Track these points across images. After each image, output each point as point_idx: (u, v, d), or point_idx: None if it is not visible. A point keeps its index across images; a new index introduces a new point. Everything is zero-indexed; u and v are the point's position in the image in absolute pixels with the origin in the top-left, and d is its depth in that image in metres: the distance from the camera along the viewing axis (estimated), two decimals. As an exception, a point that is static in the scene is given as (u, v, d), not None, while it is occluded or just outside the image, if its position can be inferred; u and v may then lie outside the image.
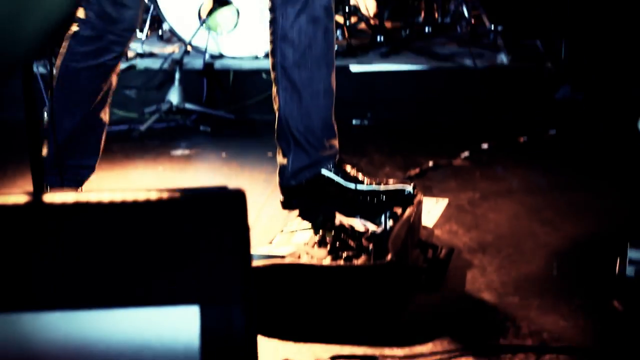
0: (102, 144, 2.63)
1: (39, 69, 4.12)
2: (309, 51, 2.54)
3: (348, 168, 2.64)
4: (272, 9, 2.55)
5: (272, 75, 2.60)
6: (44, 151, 2.50)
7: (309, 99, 2.56)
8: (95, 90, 2.55)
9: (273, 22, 2.56)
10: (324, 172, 2.59)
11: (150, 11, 4.64)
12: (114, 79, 2.58)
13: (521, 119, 3.93)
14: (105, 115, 2.61)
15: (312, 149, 2.59)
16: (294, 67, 2.54)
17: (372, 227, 2.38)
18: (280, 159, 2.63)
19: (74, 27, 2.50)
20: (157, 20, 4.69)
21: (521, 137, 3.64)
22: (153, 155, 3.55)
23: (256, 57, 4.33)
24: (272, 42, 2.57)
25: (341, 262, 2.15)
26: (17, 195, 1.02)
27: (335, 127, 2.65)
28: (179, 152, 3.61)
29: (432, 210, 2.81)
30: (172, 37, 4.66)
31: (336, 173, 2.60)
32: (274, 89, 2.59)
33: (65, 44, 2.54)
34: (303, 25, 2.52)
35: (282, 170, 2.62)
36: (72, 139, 2.55)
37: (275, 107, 2.60)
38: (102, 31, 2.49)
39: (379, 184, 2.59)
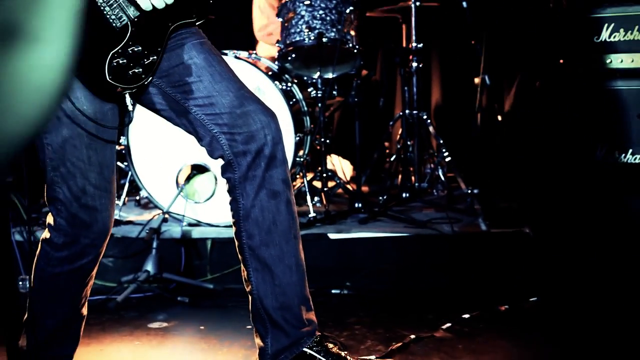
0: (81, 332, 2.65)
1: (15, 236, 4.18)
2: (274, 227, 2.56)
3: (330, 345, 2.66)
4: (231, 190, 2.57)
5: (240, 257, 2.60)
6: (23, 342, 2.52)
7: (282, 275, 2.56)
8: (77, 291, 2.58)
9: (233, 203, 2.58)
10: (307, 350, 2.61)
11: (128, 177, 4.76)
12: (93, 276, 2.62)
13: (502, 286, 4.01)
14: (84, 309, 2.63)
15: (291, 327, 2.58)
16: (261, 246, 2.55)
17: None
18: (259, 342, 2.61)
19: (46, 234, 2.54)
20: (135, 186, 4.80)
21: (502, 305, 3.69)
22: (130, 328, 3.55)
23: (234, 225, 4.41)
24: (235, 223, 2.58)
25: None
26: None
27: (311, 300, 2.66)
28: (156, 324, 3.61)
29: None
30: (149, 203, 4.76)
31: (318, 352, 2.61)
32: (244, 273, 2.59)
33: (39, 248, 2.57)
34: (264, 202, 2.54)
35: (262, 353, 2.61)
36: (52, 336, 2.57)
37: (248, 289, 2.60)
38: (76, 236, 2.49)
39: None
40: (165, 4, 2.41)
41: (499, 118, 5.86)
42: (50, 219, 2.53)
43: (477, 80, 5.92)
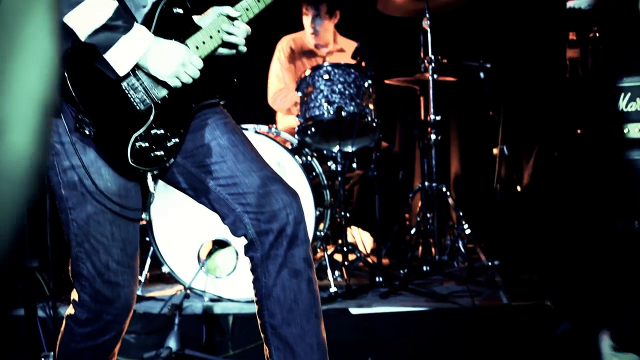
0: None
1: (38, 312, 4.25)
2: (295, 306, 2.60)
3: None
4: (253, 269, 2.64)
5: (262, 336, 2.65)
6: None
7: (303, 354, 2.59)
8: None
9: (256, 282, 2.63)
10: None
11: (150, 252, 4.84)
12: (116, 353, 2.69)
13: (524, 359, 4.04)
14: None
15: None
16: (283, 324, 2.59)
17: None
18: None
19: (71, 309, 2.62)
20: (157, 261, 4.87)
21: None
22: (152, 405, 3.61)
23: (256, 300, 4.47)
24: (258, 302, 2.64)
25: None
26: None
27: None
28: (177, 403, 3.66)
29: None
30: (171, 278, 4.83)
31: None
32: (266, 351, 2.64)
33: (64, 324, 2.64)
34: (286, 281, 2.59)
35: None
36: None
37: None
38: (99, 312, 2.56)
39: None
40: (193, 79, 2.52)
41: (518, 189, 5.93)
42: (74, 295, 2.60)
43: (495, 151, 6.00)
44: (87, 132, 2.41)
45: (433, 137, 5.41)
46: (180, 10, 2.62)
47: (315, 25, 5.92)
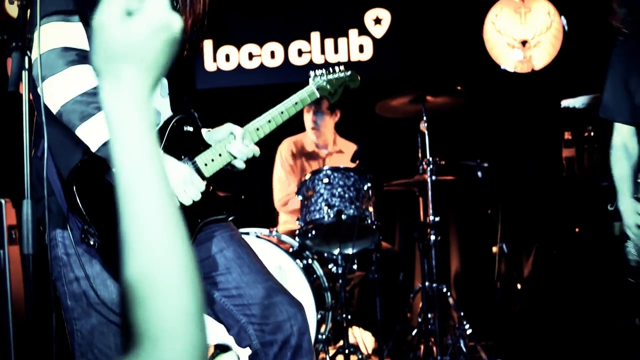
0: None
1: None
2: None
3: None
4: None
5: None
6: None
7: None
8: None
9: None
10: None
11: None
12: None
13: None
14: None
15: None
16: None
17: None
18: None
19: None
20: None
21: None
22: None
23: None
24: None
25: None
26: None
27: None
28: None
29: None
30: None
31: None
32: None
33: None
34: None
35: None
36: None
37: None
38: None
39: None
40: (193, 200, 2.65)
41: (519, 286, 6.04)
42: None
43: (495, 249, 6.13)
44: (92, 242, 2.53)
45: (432, 237, 5.53)
46: (191, 128, 2.79)
47: (316, 119, 6.12)
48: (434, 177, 5.57)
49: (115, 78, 1.18)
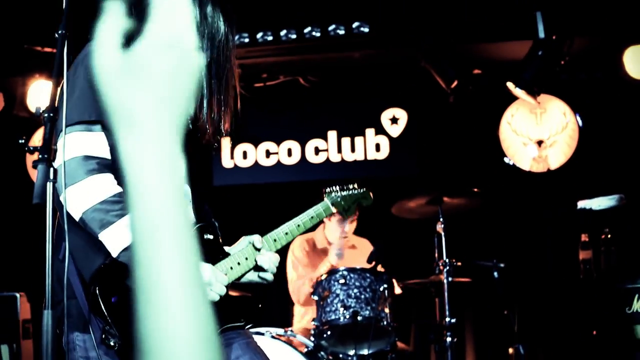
0: None
1: None
2: None
3: None
4: None
5: None
6: None
7: None
8: None
9: None
10: None
11: None
12: None
13: None
14: None
15: None
16: None
17: None
18: None
19: None
20: None
21: None
22: None
23: None
24: None
25: None
26: None
27: None
28: None
29: None
30: None
31: None
32: None
33: None
34: None
35: None
36: None
37: None
38: None
39: None
40: (219, 296, 2.74)
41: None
42: None
43: (511, 350, 6.15)
44: (112, 343, 2.61)
45: (449, 339, 5.57)
46: (211, 237, 2.90)
47: (344, 228, 6.19)
48: (450, 279, 5.63)
49: (129, 123, 0.95)
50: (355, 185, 3.54)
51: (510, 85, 6.69)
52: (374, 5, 6.55)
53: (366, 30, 6.58)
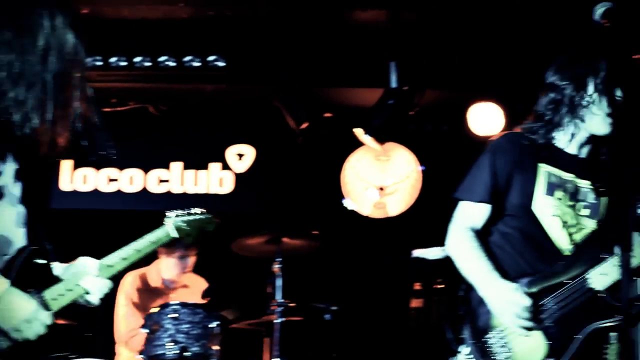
0: None
1: None
2: None
3: None
4: None
5: None
6: None
7: None
8: None
9: None
10: None
11: None
12: None
13: None
14: None
15: None
16: None
17: None
18: None
19: None
20: None
21: None
22: None
23: None
24: None
25: None
26: None
27: None
28: None
29: None
30: None
31: None
32: None
33: None
34: None
35: None
36: None
37: None
38: None
39: None
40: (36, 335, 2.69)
41: None
42: None
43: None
44: None
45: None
46: (43, 261, 2.85)
47: (186, 264, 6.15)
48: (282, 319, 5.70)
49: None
50: (199, 210, 3.52)
51: (358, 131, 6.87)
52: (231, 41, 6.62)
53: (222, 64, 6.63)
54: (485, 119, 6.92)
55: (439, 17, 6.42)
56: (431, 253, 6.68)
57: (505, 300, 3.15)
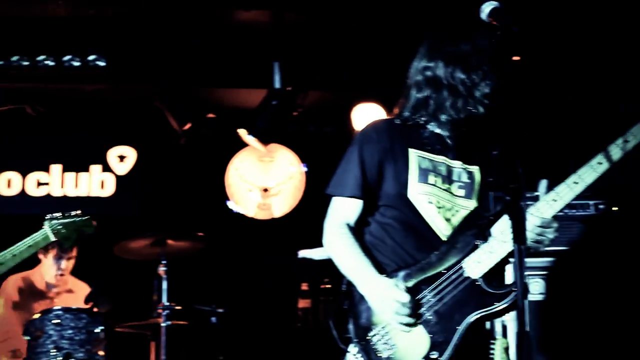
0: None
1: None
2: None
3: None
4: None
5: None
6: None
7: None
8: None
9: None
10: None
11: None
12: None
13: None
14: None
15: None
16: None
17: None
18: None
19: None
20: None
21: None
22: None
23: None
24: None
25: None
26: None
27: None
28: None
29: None
30: None
31: None
32: None
33: None
34: None
35: None
36: None
37: None
38: None
39: None
40: None
41: None
42: None
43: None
44: None
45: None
46: None
47: (60, 265, 6.01)
48: (168, 322, 5.66)
49: None
50: (78, 212, 3.48)
51: (242, 131, 6.87)
52: (112, 40, 6.52)
53: (102, 64, 6.53)
54: (369, 119, 7.00)
55: (322, 18, 6.50)
56: (317, 253, 6.76)
57: (382, 297, 3.06)
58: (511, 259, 3.07)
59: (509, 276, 3.09)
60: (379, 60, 6.71)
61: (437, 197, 3.21)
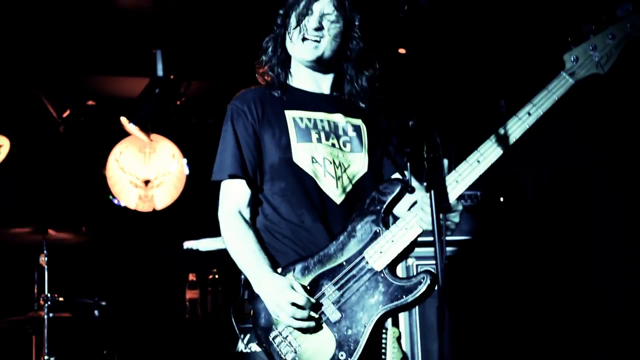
0: None
1: None
2: None
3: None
4: None
5: None
6: None
7: None
8: None
9: None
10: None
11: None
12: None
13: None
14: None
15: None
16: None
17: None
18: None
19: None
20: None
21: None
22: None
23: None
24: None
25: None
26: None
27: None
28: None
29: None
30: None
31: None
32: None
33: None
34: None
35: None
36: None
37: None
38: None
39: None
40: None
41: None
42: None
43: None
44: None
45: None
46: None
47: None
48: (51, 314, 5.47)
49: None
50: None
51: (124, 120, 6.73)
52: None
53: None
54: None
55: (207, 5, 6.42)
56: (202, 244, 6.71)
57: (277, 302, 2.81)
58: (415, 248, 2.92)
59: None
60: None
61: (323, 154, 3.06)
